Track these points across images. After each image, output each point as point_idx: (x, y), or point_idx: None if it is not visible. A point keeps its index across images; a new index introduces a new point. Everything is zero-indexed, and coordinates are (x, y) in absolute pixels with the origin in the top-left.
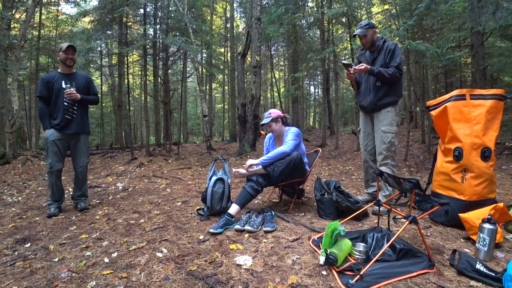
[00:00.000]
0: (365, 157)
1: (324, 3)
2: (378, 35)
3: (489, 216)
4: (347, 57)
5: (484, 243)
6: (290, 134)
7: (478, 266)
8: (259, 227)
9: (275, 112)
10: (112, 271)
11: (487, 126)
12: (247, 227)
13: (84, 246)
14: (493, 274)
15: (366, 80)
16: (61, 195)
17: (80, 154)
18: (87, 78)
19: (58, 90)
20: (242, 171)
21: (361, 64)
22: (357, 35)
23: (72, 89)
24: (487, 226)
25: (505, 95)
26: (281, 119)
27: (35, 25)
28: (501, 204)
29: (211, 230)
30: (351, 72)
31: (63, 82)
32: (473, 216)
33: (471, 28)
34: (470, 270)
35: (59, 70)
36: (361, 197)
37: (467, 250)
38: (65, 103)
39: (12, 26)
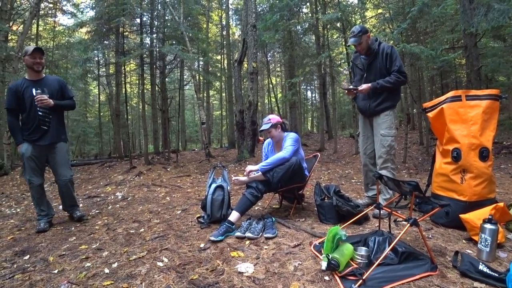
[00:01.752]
0: (365, 161)
1: (318, 8)
2: (372, 37)
3: (490, 216)
4: (345, 81)
5: (486, 243)
6: (289, 139)
7: (481, 267)
8: (260, 234)
9: (274, 118)
10: (112, 282)
11: (484, 126)
12: (248, 234)
13: (84, 257)
14: (497, 275)
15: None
16: (49, 209)
17: (60, 165)
18: (60, 82)
19: (29, 98)
20: (242, 178)
21: (361, 86)
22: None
23: (43, 95)
24: (488, 226)
25: (500, 95)
26: (280, 125)
27: (32, 36)
28: (501, 204)
29: (212, 238)
30: (355, 93)
31: (33, 90)
32: (474, 217)
33: (464, 29)
34: (473, 272)
35: (26, 77)
36: (361, 200)
37: (469, 251)
38: (40, 113)
39: (9, 38)
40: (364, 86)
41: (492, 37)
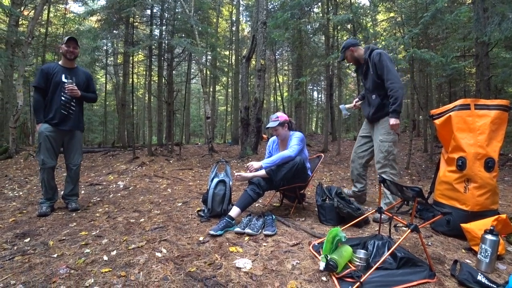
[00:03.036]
0: (353, 157)
1: (330, 9)
2: (364, 47)
3: (491, 227)
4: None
5: (486, 254)
6: (295, 138)
7: (480, 277)
8: (260, 231)
9: (282, 116)
10: (110, 269)
11: (491, 137)
12: (247, 230)
13: (83, 243)
14: (495, 286)
15: (366, 93)
16: (54, 194)
17: (75, 151)
18: (87, 75)
19: (57, 83)
20: (244, 174)
21: (391, 121)
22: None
23: (73, 84)
24: (489, 237)
25: (510, 106)
26: (287, 124)
27: (43, 22)
28: (503, 216)
29: (211, 232)
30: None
31: (63, 76)
32: (475, 227)
33: (476, 38)
34: (471, 281)
35: (60, 63)
36: (347, 190)
37: (468, 261)
38: (63, 98)
39: (20, 23)
40: (392, 122)
41: (505, 47)
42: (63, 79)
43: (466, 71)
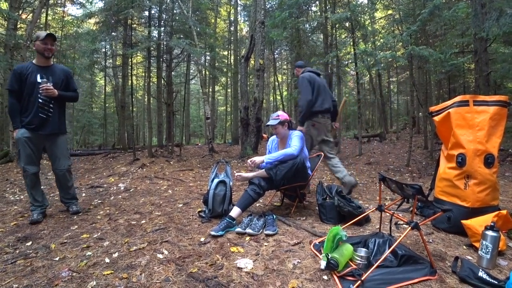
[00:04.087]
0: None
1: (328, 7)
2: (305, 69)
3: (492, 223)
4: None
5: (487, 250)
6: (295, 137)
7: (481, 273)
8: (260, 231)
9: (283, 115)
10: (112, 272)
11: (491, 133)
12: (248, 230)
13: (85, 245)
14: (496, 282)
15: None
16: (43, 199)
17: (59, 156)
18: (66, 72)
19: (32, 84)
20: (245, 174)
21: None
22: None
23: (48, 84)
24: (490, 233)
25: (509, 101)
26: (287, 123)
27: (41, 25)
28: (504, 211)
29: (212, 233)
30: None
31: (38, 76)
32: (476, 223)
33: (475, 34)
34: (472, 278)
35: (34, 61)
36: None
37: (469, 257)
38: (40, 100)
39: (18, 26)
40: (298, 129)
41: (503, 42)
42: (38, 79)
43: (465, 67)
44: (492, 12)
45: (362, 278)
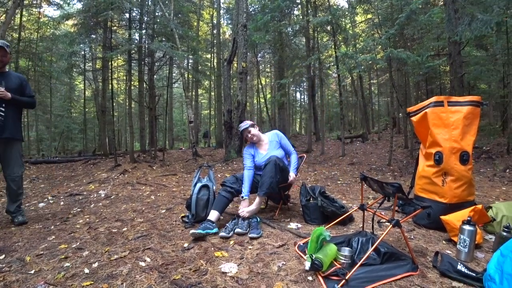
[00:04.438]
0: None
1: (309, 11)
2: None
3: (468, 218)
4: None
5: (465, 244)
6: (284, 139)
7: (460, 267)
8: (247, 229)
9: (247, 121)
10: (92, 282)
11: (465, 131)
12: (237, 230)
13: (63, 256)
14: (474, 275)
15: None
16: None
17: (12, 163)
18: (21, 78)
19: None
20: (248, 208)
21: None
22: None
23: (0, 87)
24: (467, 227)
25: (481, 101)
26: (256, 125)
27: (15, 27)
28: (479, 206)
29: (192, 231)
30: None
31: None
32: (454, 218)
33: (449, 37)
34: (452, 271)
35: None
36: None
37: (449, 252)
38: None
39: None
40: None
41: (475, 46)
42: None
43: (441, 69)
44: (464, 17)
45: (347, 277)
